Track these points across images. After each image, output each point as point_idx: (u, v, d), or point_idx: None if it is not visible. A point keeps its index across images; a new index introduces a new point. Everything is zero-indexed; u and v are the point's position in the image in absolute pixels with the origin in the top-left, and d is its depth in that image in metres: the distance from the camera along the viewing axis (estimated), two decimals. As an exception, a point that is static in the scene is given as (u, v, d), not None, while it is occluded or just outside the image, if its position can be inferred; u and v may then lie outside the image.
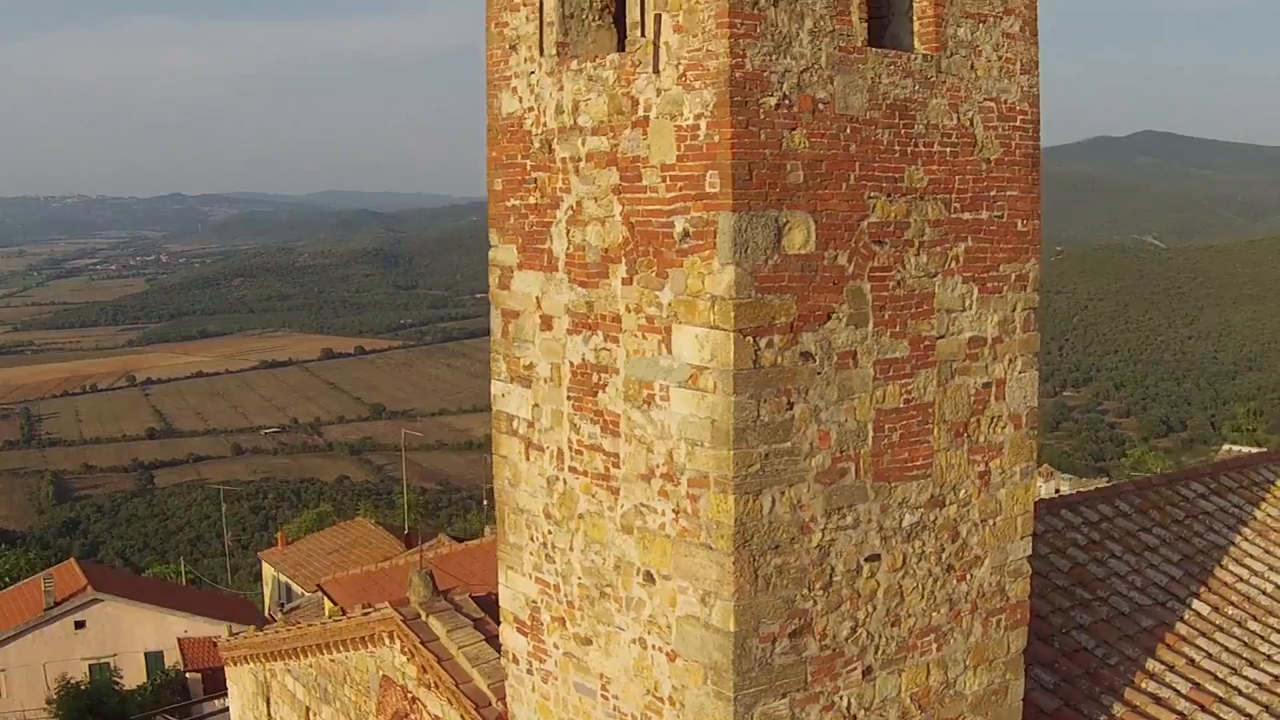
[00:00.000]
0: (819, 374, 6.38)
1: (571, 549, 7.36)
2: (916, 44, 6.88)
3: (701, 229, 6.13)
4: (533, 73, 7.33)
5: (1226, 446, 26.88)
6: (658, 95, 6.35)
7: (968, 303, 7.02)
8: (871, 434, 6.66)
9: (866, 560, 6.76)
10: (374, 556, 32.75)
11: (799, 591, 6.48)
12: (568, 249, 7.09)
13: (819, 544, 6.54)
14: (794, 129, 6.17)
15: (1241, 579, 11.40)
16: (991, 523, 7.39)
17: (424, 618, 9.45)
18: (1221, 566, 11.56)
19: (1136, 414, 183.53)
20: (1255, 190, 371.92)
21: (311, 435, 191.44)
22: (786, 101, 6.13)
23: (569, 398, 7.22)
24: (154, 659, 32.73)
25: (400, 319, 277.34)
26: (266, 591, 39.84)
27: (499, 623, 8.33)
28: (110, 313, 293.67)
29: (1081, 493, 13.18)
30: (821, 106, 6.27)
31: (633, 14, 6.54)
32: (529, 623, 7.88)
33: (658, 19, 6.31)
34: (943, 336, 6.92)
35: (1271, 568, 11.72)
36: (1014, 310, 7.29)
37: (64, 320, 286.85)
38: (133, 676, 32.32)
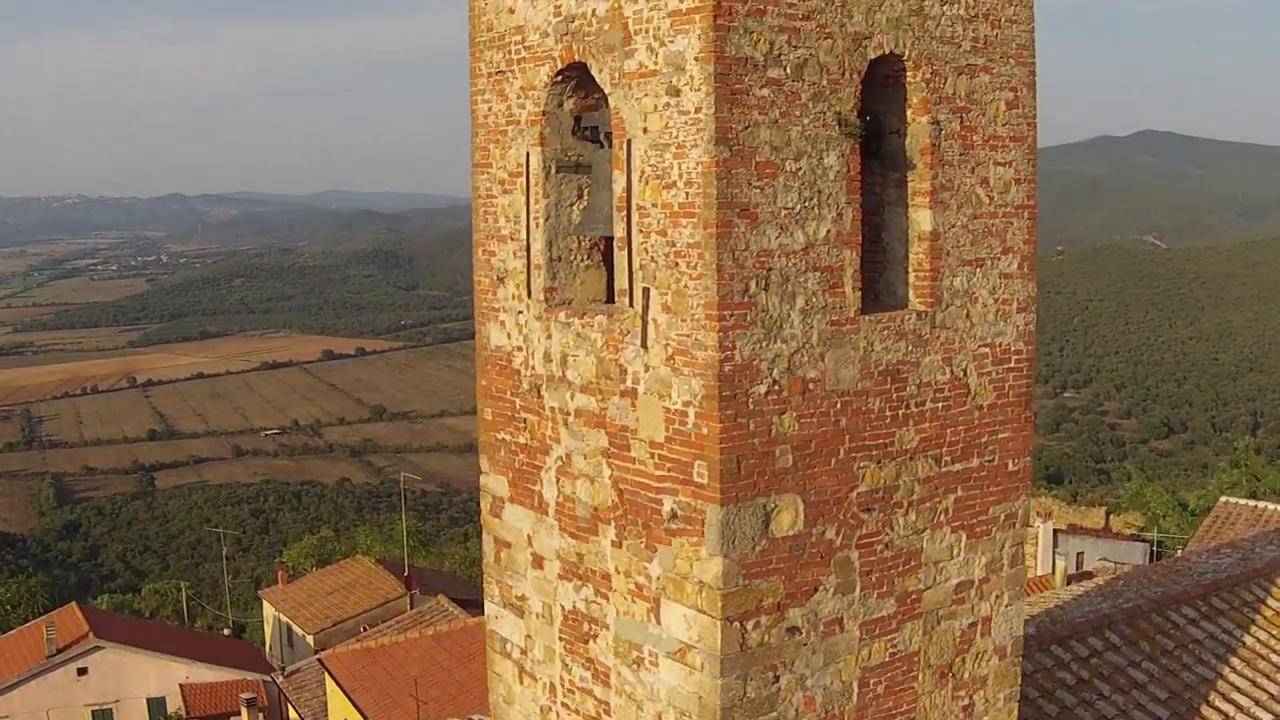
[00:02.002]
0: (805, 645, 6.43)
1: (565, 779, 7.42)
2: (911, 297, 6.85)
3: (689, 514, 6.16)
4: (520, 312, 7.33)
5: (1224, 499, 26.62)
6: (645, 371, 6.37)
7: (956, 551, 7.05)
8: (856, 691, 6.71)
9: (852, 808, 6.81)
10: (373, 598, 32.84)
11: (785, 845, 6.53)
12: (558, 497, 7.12)
13: (805, 801, 6.59)
14: (783, 413, 6.18)
15: (1228, 716, 11.47)
16: (977, 750, 7.44)
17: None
18: (1209, 703, 11.62)
19: (1137, 415, 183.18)
20: (1256, 190, 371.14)
21: (312, 437, 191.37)
22: (776, 386, 6.15)
23: (561, 638, 7.26)
24: (156, 705, 32.84)
25: (401, 319, 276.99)
26: (267, 630, 39.92)
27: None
28: (111, 313, 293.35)
29: (1072, 621, 13.23)
30: (812, 386, 6.28)
31: (620, 280, 6.54)
32: (525, 834, 7.93)
33: (645, 293, 6.31)
34: (930, 588, 6.96)
35: (1258, 702, 11.79)
36: (1002, 549, 7.31)
37: (64, 321, 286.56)
38: (134, 723, 32.49)
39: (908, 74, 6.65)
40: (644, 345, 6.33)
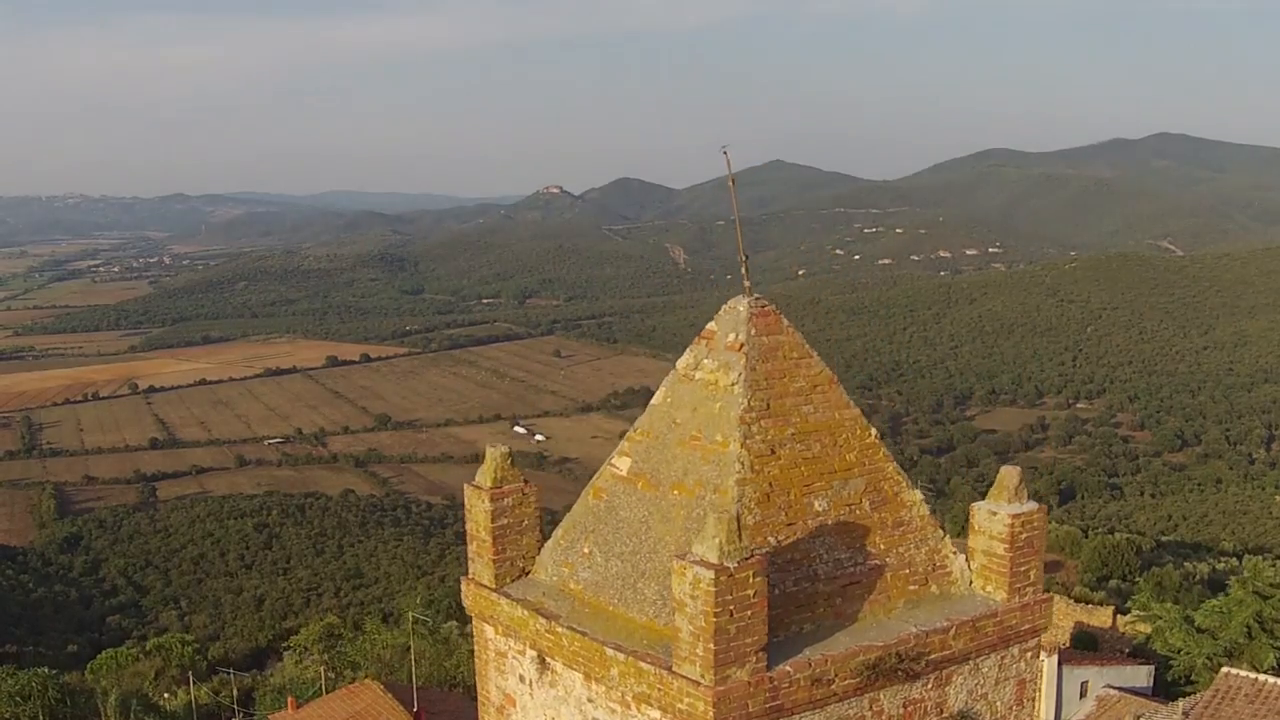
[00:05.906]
0: None
1: None
2: None
3: None
4: None
5: (1225, 670, 24.94)
6: None
7: None
8: None
9: None
10: (381, 733, 31.18)
11: None
12: None
13: None
14: None
15: None
16: None
17: None
18: None
19: (1150, 427, 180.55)
20: (1273, 194, 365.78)
21: (316, 446, 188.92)
22: None
23: None
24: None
25: (406, 325, 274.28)
26: (279, 753, 37.62)
27: None
28: (113, 316, 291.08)
29: None
30: None
31: None
32: None
33: None
34: None
35: None
36: None
37: (66, 324, 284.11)
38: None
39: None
40: None
